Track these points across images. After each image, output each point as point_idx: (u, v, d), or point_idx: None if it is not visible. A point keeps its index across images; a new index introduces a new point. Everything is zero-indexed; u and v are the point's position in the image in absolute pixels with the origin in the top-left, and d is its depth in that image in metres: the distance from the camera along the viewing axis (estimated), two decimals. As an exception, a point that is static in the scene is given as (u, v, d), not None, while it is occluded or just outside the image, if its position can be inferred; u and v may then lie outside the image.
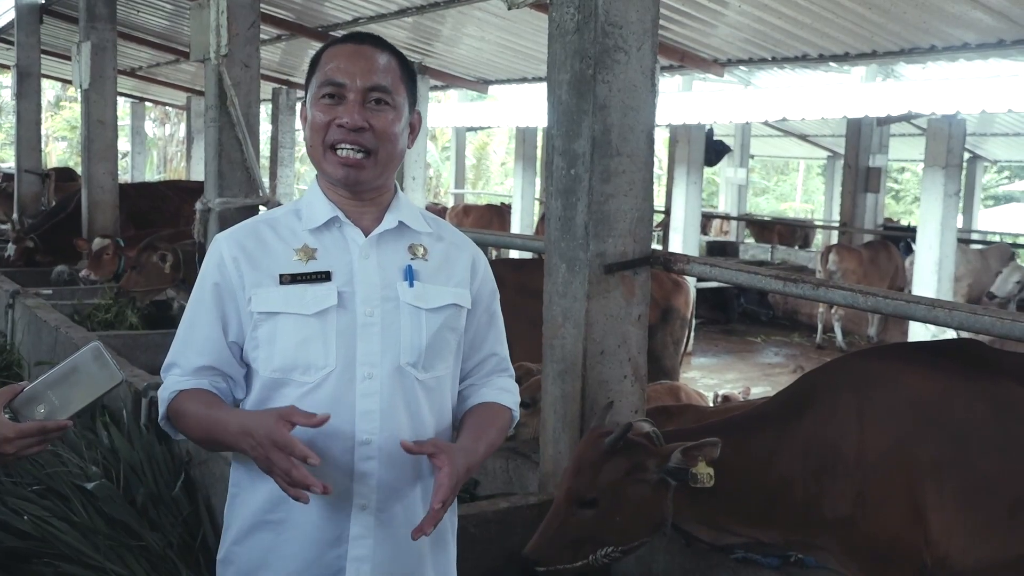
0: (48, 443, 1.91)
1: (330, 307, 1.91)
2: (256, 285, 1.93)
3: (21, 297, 7.16)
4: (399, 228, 2.01)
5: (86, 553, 3.49)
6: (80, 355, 1.89)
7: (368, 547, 1.92)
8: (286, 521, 1.92)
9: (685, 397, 4.97)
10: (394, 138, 1.96)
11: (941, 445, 2.66)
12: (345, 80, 1.92)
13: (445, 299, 2.00)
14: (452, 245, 2.08)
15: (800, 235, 19.17)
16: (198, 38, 6.06)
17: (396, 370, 1.93)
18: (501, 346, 2.17)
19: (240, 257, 1.95)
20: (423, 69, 11.28)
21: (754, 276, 3.18)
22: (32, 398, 1.86)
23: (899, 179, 32.43)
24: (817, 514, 2.75)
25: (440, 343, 1.99)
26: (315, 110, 1.95)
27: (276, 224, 2.00)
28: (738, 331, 12.91)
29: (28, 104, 12.00)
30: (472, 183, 30.81)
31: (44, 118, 30.55)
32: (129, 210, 9.29)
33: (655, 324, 6.13)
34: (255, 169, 6.00)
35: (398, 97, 1.97)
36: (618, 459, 2.69)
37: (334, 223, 1.98)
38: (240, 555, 1.97)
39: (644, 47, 3.36)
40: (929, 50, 7.64)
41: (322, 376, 1.90)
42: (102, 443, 4.27)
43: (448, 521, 2.09)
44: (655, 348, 6.15)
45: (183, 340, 2.00)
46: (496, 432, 2.06)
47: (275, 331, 1.92)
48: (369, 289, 1.94)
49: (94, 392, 1.90)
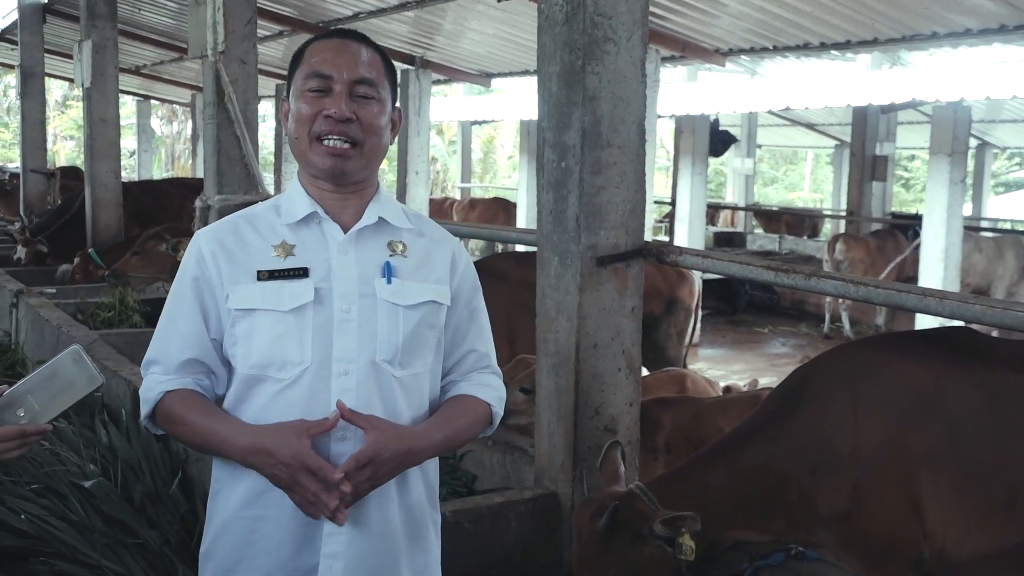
0: (28, 447, 1.91)
1: (307, 303, 1.91)
2: (234, 281, 1.94)
3: (25, 296, 7.18)
4: (379, 224, 2.01)
5: (83, 551, 3.49)
6: (59, 359, 1.90)
7: (341, 544, 1.92)
8: (263, 518, 1.93)
9: (691, 384, 4.93)
10: (379, 131, 1.98)
11: (935, 435, 2.64)
12: (332, 72, 1.93)
13: (423, 296, 1.99)
14: (432, 241, 2.08)
15: (808, 225, 19.10)
16: (196, 35, 6.05)
17: (372, 367, 1.93)
18: (483, 343, 2.15)
19: (219, 252, 1.96)
20: (425, 63, 11.27)
21: (746, 267, 3.16)
22: (12, 402, 1.87)
23: (909, 167, 32.26)
24: (813, 511, 2.74)
25: (418, 340, 1.98)
26: (301, 102, 1.95)
27: (255, 220, 2.00)
28: (745, 322, 12.87)
29: (32, 103, 12.05)
30: (480, 176, 30.85)
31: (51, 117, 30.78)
32: (133, 208, 9.31)
33: (659, 315, 6.11)
34: (254, 166, 5.99)
35: (383, 91, 1.98)
36: (618, 538, 2.65)
37: (313, 218, 1.98)
38: (219, 550, 1.98)
39: (634, 38, 3.34)
40: (931, 36, 7.59)
41: (298, 372, 1.91)
42: (100, 441, 4.28)
43: (429, 519, 2.08)
44: (659, 339, 6.14)
45: (163, 335, 2.00)
46: (466, 423, 2.05)
47: (252, 328, 1.93)
48: (347, 285, 1.94)
49: (74, 396, 1.91)
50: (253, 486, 1.91)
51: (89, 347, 5.53)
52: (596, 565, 2.66)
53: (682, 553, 2.60)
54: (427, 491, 2.07)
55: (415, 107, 11.16)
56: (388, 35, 10.74)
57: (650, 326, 6.00)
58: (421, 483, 2.04)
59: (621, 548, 2.64)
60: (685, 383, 4.93)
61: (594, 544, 2.65)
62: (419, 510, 2.04)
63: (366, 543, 1.94)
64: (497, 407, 2.12)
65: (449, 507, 3.30)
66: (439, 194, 24.73)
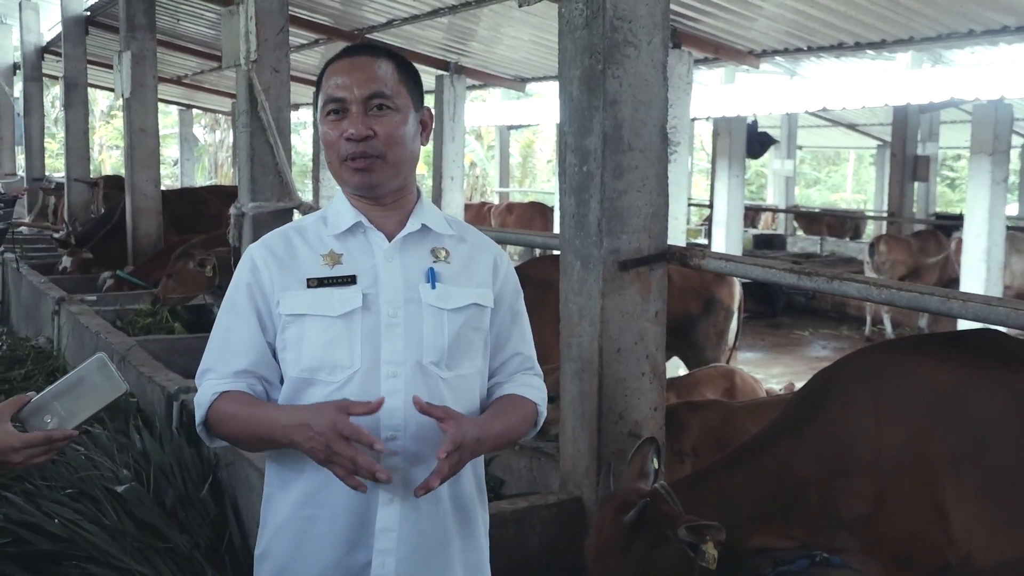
0: (54, 452, 1.96)
1: (355, 309, 1.99)
2: (284, 288, 2.02)
3: (66, 303, 7.31)
4: (422, 231, 2.08)
5: (114, 555, 3.55)
6: (85, 366, 1.97)
7: (393, 540, 1.97)
8: (316, 517, 1.99)
9: (740, 381, 4.89)
10: (401, 140, 2.02)
11: (959, 439, 2.59)
12: (344, 94, 1.99)
13: (467, 299, 2.06)
14: (474, 247, 2.14)
15: (850, 226, 18.88)
16: (229, 44, 6.13)
17: (420, 369, 1.99)
18: (525, 345, 2.21)
19: (270, 261, 2.04)
20: (459, 69, 11.30)
21: (769, 270, 3.13)
22: (39, 409, 1.93)
23: (955, 167, 31.77)
24: (835, 516, 2.70)
25: (463, 342, 2.04)
26: (324, 127, 2.03)
27: (304, 231, 2.09)
28: (785, 324, 12.75)
29: (76, 114, 12.25)
30: (519, 181, 30.87)
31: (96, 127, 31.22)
32: (170, 215, 9.45)
33: (697, 314, 6.08)
34: (287, 173, 6.05)
35: (399, 99, 2.02)
36: (641, 535, 2.64)
37: (358, 228, 2.06)
38: (275, 550, 2.05)
39: (655, 41, 3.33)
40: (968, 34, 7.47)
41: (348, 375, 1.97)
42: (134, 447, 4.34)
43: (479, 516, 2.13)
44: (698, 339, 6.11)
45: (219, 344, 2.06)
46: (516, 419, 2.10)
47: (302, 332, 2.00)
48: (393, 291, 2.01)
49: (99, 402, 1.97)
50: (306, 487, 1.98)
51: (126, 353, 5.62)
52: (615, 559, 2.65)
53: (704, 561, 2.59)
54: (476, 483, 2.13)
55: (450, 112, 11.19)
56: (422, 41, 10.79)
57: (688, 326, 5.99)
58: (471, 475, 2.10)
59: (643, 546, 2.63)
60: (734, 380, 4.88)
61: (616, 538, 2.64)
62: (469, 502, 2.10)
63: (418, 539, 1.99)
64: (542, 407, 2.18)
65: (473, 512, 3.30)
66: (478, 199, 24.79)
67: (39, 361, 6.95)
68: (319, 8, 10.27)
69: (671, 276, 5.91)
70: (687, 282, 5.97)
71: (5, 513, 3.72)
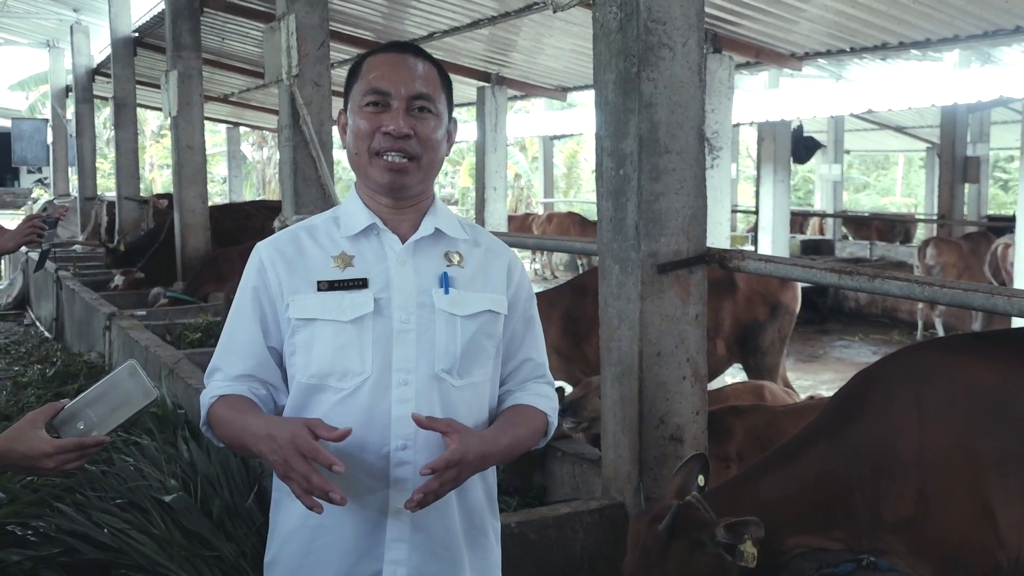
0: (86, 458, 1.98)
1: (367, 314, 1.93)
2: (294, 291, 1.97)
3: (116, 319, 7.44)
4: (435, 235, 2.03)
5: (162, 564, 3.58)
6: (116, 374, 1.97)
7: (403, 551, 1.93)
8: (324, 526, 1.94)
9: (769, 395, 4.85)
10: (436, 145, 2.00)
11: (1004, 437, 2.53)
12: (390, 88, 1.95)
13: (481, 305, 2.01)
14: (488, 251, 2.09)
15: (900, 230, 18.62)
16: (271, 60, 6.23)
17: (432, 377, 1.95)
18: (537, 352, 2.16)
19: (279, 262, 1.99)
20: (500, 80, 11.33)
21: (809, 270, 3.10)
22: (72, 416, 1.95)
23: (1008, 168, 31.20)
24: (878, 518, 2.65)
25: (476, 349, 1.99)
26: (359, 118, 1.97)
27: (315, 231, 2.04)
28: (835, 330, 12.58)
29: (125, 133, 12.50)
30: (564, 191, 30.83)
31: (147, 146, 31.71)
32: (214, 230, 9.60)
33: (764, 320, 6.11)
34: (329, 186, 6.11)
35: (439, 105, 2.00)
36: (678, 543, 2.60)
37: (372, 230, 2.01)
38: (283, 559, 2.01)
39: (690, 42, 3.31)
40: (1015, 31, 7.33)
41: (358, 382, 1.93)
42: (182, 457, 4.40)
43: (489, 525, 2.09)
44: (762, 344, 6.12)
45: (225, 346, 2.05)
46: (526, 431, 2.04)
47: (312, 337, 1.95)
48: (405, 296, 1.96)
49: (130, 409, 1.98)
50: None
51: (174, 366, 5.70)
52: (653, 570, 2.62)
53: (743, 560, 2.55)
54: (486, 494, 2.08)
55: (491, 123, 11.22)
56: (463, 53, 10.84)
57: (755, 331, 6.04)
58: (480, 486, 2.05)
59: (680, 554, 2.59)
60: (763, 394, 4.84)
61: (653, 550, 2.61)
62: (478, 513, 2.05)
63: (428, 549, 1.95)
64: (552, 417, 2.12)
65: (515, 518, 3.30)
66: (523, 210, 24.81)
67: (91, 376, 7.08)
68: (360, 23, 10.37)
69: (738, 284, 5.94)
70: (753, 288, 6.00)
71: (56, 523, 3.78)
